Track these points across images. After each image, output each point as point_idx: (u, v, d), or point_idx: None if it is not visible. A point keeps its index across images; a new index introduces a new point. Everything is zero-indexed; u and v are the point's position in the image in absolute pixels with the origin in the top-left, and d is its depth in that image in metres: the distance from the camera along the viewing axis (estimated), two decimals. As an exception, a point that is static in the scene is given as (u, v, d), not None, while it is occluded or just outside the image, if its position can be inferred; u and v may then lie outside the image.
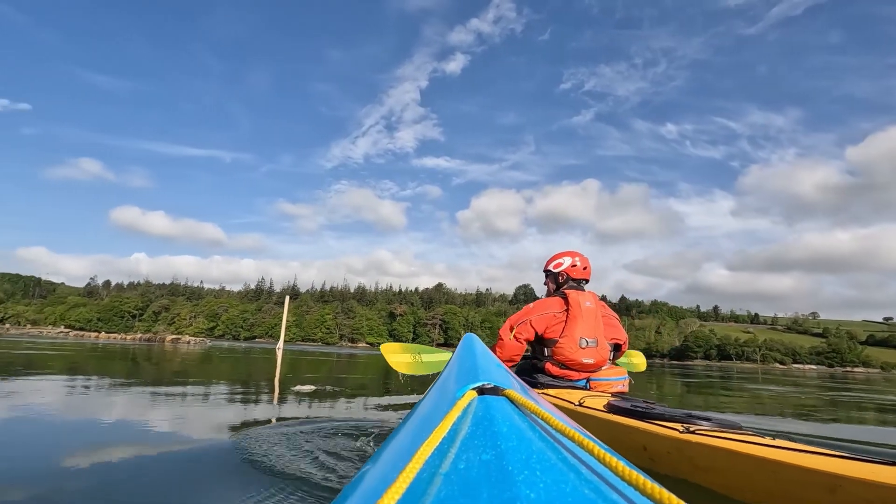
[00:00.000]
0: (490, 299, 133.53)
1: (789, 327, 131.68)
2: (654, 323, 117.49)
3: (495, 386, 0.66)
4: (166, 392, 3.93)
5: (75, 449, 1.93)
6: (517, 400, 0.61)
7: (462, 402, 0.60)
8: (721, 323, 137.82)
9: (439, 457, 0.48)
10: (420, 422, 0.70)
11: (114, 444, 2.05)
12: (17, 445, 1.98)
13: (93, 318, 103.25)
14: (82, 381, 4.58)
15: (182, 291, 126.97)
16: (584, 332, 2.66)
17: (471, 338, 1.14)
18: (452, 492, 0.41)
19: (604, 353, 2.71)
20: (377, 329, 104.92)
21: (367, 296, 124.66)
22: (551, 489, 0.41)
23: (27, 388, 3.66)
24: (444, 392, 0.78)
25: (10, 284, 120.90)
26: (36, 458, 1.77)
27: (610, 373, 2.76)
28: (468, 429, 0.54)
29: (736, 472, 1.35)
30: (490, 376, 0.72)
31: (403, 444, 0.62)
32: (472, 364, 0.84)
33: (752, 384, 12.09)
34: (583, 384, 2.71)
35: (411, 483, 0.43)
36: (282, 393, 3.82)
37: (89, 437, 2.19)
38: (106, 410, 2.85)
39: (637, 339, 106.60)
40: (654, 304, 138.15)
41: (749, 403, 6.00)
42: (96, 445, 2.01)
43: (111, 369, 6.32)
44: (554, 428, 0.55)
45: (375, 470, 0.58)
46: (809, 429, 3.69)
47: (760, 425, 3.71)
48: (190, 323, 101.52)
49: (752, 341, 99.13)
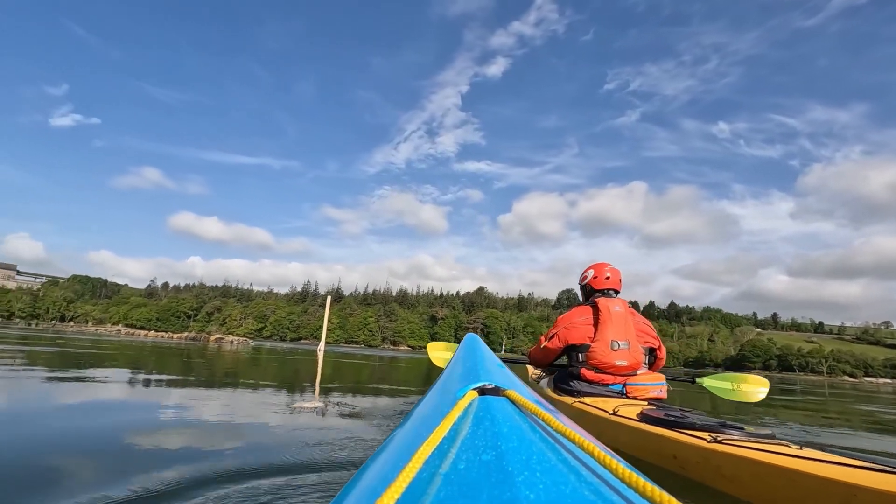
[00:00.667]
0: (532, 304, 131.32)
1: (859, 337, 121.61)
2: (707, 330, 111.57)
3: (496, 386, 0.66)
4: (197, 394, 3.78)
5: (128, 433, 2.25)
6: (518, 401, 0.61)
7: (463, 402, 0.60)
8: (781, 332, 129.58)
9: (439, 457, 0.48)
10: (420, 421, 0.69)
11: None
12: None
13: (152, 318, 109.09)
14: (142, 375, 5.41)
15: (233, 293, 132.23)
16: (615, 335, 2.77)
17: (472, 338, 1.14)
18: (452, 492, 0.41)
19: (637, 356, 2.76)
20: (418, 332, 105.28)
21: (408, 299, 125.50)
22: (551, 490, 0.41)
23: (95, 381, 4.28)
24: (445, 392, 0.77)
25: (81, 285, 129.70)
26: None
27: (647, 378, 2.76)
28: (469, 429, 0.53)
29: (757, 481, 1.41)
30: (491, 377, 0.71)
31: (403, 444, 0.62)
32: (473, 364, 0.84)
33: (819, 397, 11.26)
34: (619, 389, 2.74)
35: (411, 482, 0.43)
36: (290, 405, 3.48)
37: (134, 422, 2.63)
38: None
39: (688, 348, 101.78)
40: (706, 311, 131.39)
41: (812, 418, 5.54)
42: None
43: (163, 365, 6.91)
44: (554, 429, 0.55)
45: (375, 469, 0.57)
46: (877, 445, 3.55)
47: (818, 438, 3.61)
48: (240, 324, 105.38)
49: (818, 351, 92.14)
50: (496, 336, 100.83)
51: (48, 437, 2.07)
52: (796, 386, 19.70)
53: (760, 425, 2.10)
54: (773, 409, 6.51)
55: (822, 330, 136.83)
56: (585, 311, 2.97)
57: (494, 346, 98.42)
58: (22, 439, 2.01)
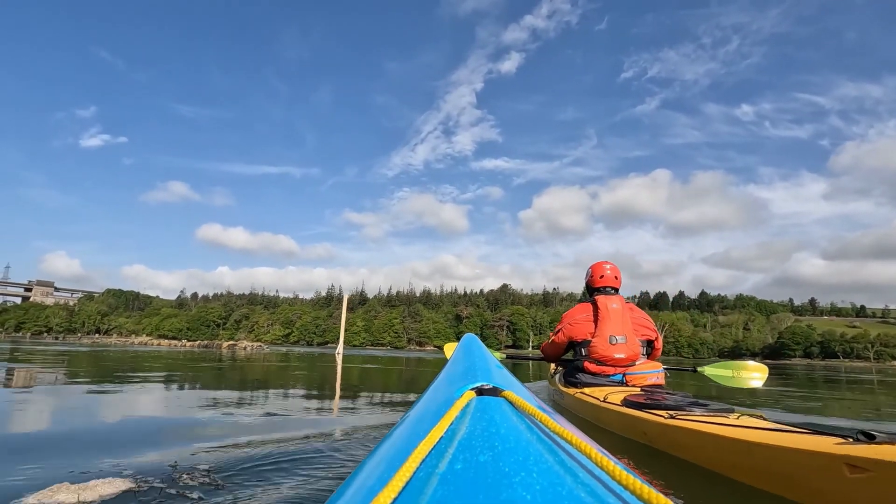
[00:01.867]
0: (558, 299, 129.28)
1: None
2: (742, 319, 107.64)
3: (494, 387, 0.65)
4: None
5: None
6: (516, 401, 0.60)
7: (460, 403, 0.60)
8: (820, 317, 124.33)
9: (436, 457, 0.48)
10: (417, 421, 0.69)
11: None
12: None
13: (182, 328, 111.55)
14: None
15: (260, 301, 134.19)
16: (613, 331, 3.09)
17: (471, 338, 1.13)
18: (448, 492, 0.41)
19: (634, 349, 3.09)
20: (444, 332, 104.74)
21: (432, 299, 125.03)
22: (548, 491, 0.40)
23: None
24: (442, 392, 0.77)
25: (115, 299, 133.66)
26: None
27: (644, 367, 3.10)
28: (466, 429, 0.53)
29: (700, 449, 1.79)
30: (489, 377, 0.71)
31: (400, 444, 0.61)
32: (471, 364, 0.83)
33: (866, 384, 10.49)
34: (619, 378, 3.10)
35: (408, 483, 0.43)
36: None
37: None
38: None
39: (723, 337, 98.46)
40: (739, 299, 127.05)
41: (862, 407, 5.20)
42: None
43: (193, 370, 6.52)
44: (552, 430, 0.55)
45: (371, 468, 0.57)
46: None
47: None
48: (268, 330, 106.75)
49: (863, 336, 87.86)
50: (523, 333, 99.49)
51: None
52: (841, 374, 18.61)
53: (735, 404, 2.47)
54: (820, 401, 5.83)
55: (865, 314, 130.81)
56: (586, 309, 3.28)
57: (521, 343, 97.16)
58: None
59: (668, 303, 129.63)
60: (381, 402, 4.21)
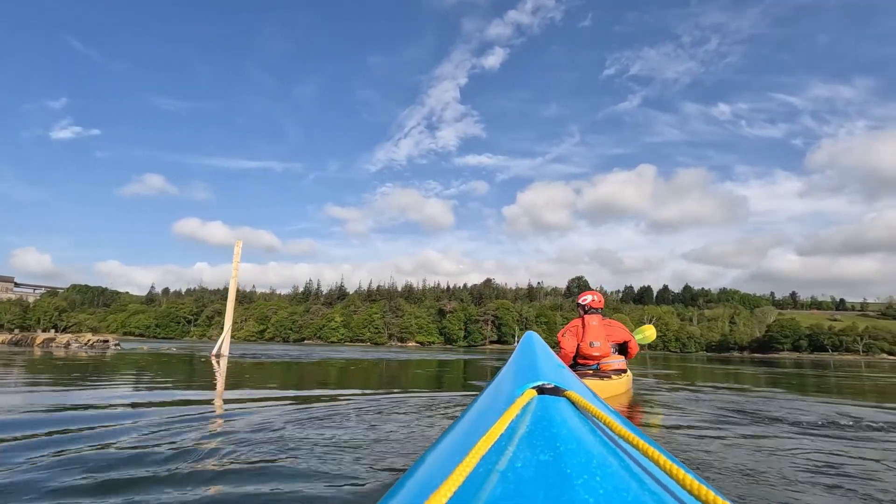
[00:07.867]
0: (542, 293, 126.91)
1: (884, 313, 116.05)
2: (727, 313, 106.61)
3: (556, 386, 0.64)
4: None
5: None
6: (578, 402, 0.59)
7: (521, 401, 0.59)
8: (801, 311, 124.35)
9: (496, 454, 0.48)
10: (477, 418, 0.68)
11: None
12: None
13: (151, 325, 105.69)
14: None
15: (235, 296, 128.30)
16: (592, 338, 4.42)
17: (531, 336, 1.11)
18: (508, 490, 0.41)
19: (605, 349, 4.41)
20: (427, 327, 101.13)
21: (414, 293, 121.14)
22: (611, 496, 0.39)
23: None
24: (502, 390, 0.75)
25: (79, 295, 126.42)
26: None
27: (611, 359, 4.44)
28: (526, 428, 0.52)
29: (598, 392, 2.12)
30: (550, 376, 0.70)
31: (459, 440, 0.61)
32: (531, 363, 0.82)
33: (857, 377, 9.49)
34: (595, 367, 4.42)
35: (467, 478, 0.43)
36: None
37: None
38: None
39: (710, 331, 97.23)
40: (723, 293, 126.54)
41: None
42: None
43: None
44: (617, 433, 0.53)
45: (430, 463, 0.57)
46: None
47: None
48: (241, 326, 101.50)
49: (851, 329, 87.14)
50: (508, 328, 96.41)
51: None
52: (830, 367, 17.10)
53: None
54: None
55: (844, 307, 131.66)
56: (578, 323, 4.57)
57: (507, 339, 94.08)
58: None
59: (652, 297, 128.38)
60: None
